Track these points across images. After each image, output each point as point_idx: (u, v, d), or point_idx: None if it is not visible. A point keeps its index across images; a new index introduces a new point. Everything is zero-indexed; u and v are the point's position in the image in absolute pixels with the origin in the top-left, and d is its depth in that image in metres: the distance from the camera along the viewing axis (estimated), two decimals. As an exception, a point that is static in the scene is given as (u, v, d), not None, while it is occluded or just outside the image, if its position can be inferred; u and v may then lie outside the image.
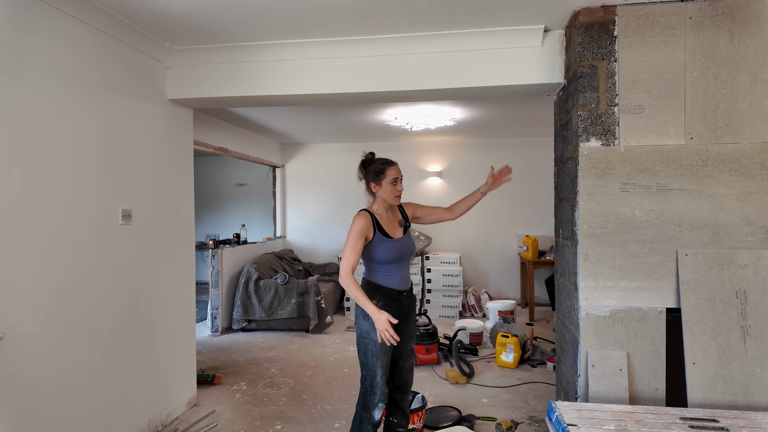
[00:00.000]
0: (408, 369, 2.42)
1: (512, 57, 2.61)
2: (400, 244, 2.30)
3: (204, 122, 4.68)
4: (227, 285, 5.16)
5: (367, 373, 2.24)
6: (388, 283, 2.28)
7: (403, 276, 2.33)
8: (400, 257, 2.29)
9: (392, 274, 2.28)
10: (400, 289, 2.30)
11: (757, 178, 2.18)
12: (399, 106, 4.55)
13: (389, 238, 2.28)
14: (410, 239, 2.38)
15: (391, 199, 2.30)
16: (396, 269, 2.29)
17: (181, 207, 3.12)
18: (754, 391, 2.09)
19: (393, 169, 2.31)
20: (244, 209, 7.93)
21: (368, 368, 2.22)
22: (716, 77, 2.20)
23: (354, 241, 2.19)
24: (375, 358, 2.20)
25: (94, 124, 2.36)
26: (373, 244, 2.25)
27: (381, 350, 2.20)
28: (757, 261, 2.16)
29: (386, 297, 2.26)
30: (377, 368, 2.20)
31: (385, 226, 2.30)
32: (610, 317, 2.26)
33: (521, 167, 6.43)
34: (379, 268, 2.28)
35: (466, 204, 2.48)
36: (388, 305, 2.24)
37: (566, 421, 1.89)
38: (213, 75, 2.90)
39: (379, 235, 2.26)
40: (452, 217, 2.48)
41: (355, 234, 2.20)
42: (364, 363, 2.25)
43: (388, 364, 2.25)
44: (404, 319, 2.35)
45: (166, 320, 2.95)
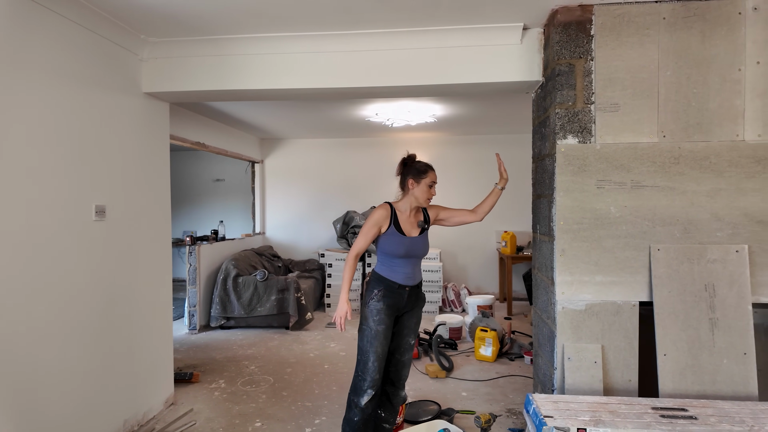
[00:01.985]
0: (404, 363, 2.47)
1: (492, 54, 2.63)
2: (411, 243, 2.37)
3: (181, 116, 4.58)
4: (205, 282, 5.08)
5: (361, 358, 2.31)
6: (392, 276, 2.35)
7: (409, 273, 2.38)
8: (408, 255, 2.36)
9: (398, 269, 2.36)
10: (402, 283, 2.36)
11: (725, 175, 2.25)
12: (380, 102, 4.54)
13: (402, 234, 2.35)
14: (424, 241, 2.43)
15: (423, 200, 2.39)
16: (402, 265, 2.36)
17: (157, 203, 3.06)
18: (721, 380, 2.17)
19: (433, 174, 2.41)
20: (223, 205, 7.81)
21: (363, 353, 2.30)
22: (688, 77, 2.26)
23: (368, 228, 2.32)
24: (369, 343, 2.28)
25: (66, 117, 2.29)
26: (386, 236, 2.34)
27: (375, 337, 2.27)
28: (725, 255, 2.23)
29: (387, 288, 2.33)
30: (370, 353, 2.27)
31: (402, 222, 2.38)
32: (586, 311, 2.31)
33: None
34: (387, 261, 2.36)
35: (488, 204, 2.51)
36: (387, 296, 2.32)
37: (543, 413, 1.93)
38: (190, 68, 2.85)
39: (393, 229, 2.34)
40: (477, 219, 2.51)
41: (371, 222, 2.33)
42: (359, 348, 2.32)
43: (383, 353, 2.31)
44: (406, 314, 2.43)
45: (142, 318, 2.89)
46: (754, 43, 2.22)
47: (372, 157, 6.76)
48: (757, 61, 2.22)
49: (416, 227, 2.42)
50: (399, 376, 2.47)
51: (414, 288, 2.42)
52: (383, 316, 2.30)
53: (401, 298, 2.37)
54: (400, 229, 2.35)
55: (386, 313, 2.31)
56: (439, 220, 2.52)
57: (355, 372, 2.34)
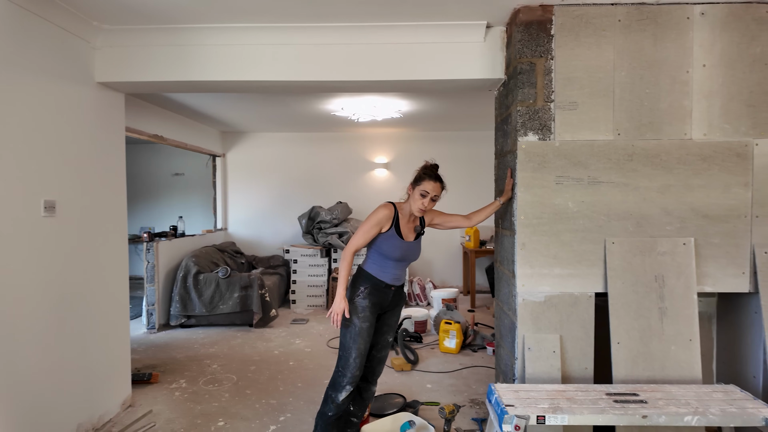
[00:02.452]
0: (380, 359, 2.48)
1: (456, 51, 2.66)
2: (408, 248, 2.36)
3: (137, 108, 4.40)
4: (164, 280, 4.92)
5: (342, 354, 2.30)
6: (381, 275, 2.33)
7: (397, 274, 2.38)
8: (402, 258, 2.36)
9: (387, 270, 2.34)
10: (390, 283, 2.36)
11: (675, 172, 2.37)
12: (345, 97, 4.51)
13: (401, 237, 2.32)
14: (418, 246, 2.43)
15: (414, 208, 2.31)
16: (393, 266, 2.35)
17: (112, 198, 2.93)
18: (669, 366, 2.30)
19: (429, 183, 2.28)
20: (182, 200, 7.57)
21: (345, 349, 2.29)
22: (641, 77, 2.36)
23: (370, 227, 2.27)
24: (352, 340, 2.27)
25: (11, 107, 2.16)
26: (385, 237, 2.31)
27: (359, 334, 2.27)
28: (674, 248, 2.36)
29: (373, 287, 2.32)
30: (353, 350, 2.27)
31: (402, 225, 2.35)
32: (545, 302, 2.39)
33: (464, 160, 6.61)
34: (378, 260, 2.34)
35: (484, 213, 2.50)
36: (373, 294, 2.31)
37: (505, 403, 1.98)
38: (147, 58, 2.73)
39: (393, 232, 2.31)
40: (470, 225, 2.52)
41: (373, 221, 2.28)
42: (342, 344, 2.31)
43: (365, 350, 2.30)
44: (388, 312, 2.44)
45: (97, 317, 2.77)
46: (700, 46, 2.34)
47: (338, 152, 6.72)
48: (703, 64, 2.35)
49: (413, 232, 2.40)
50: (374, 372, 2.48)
51: (399, 288, 2.43)
52: (368, 313, 2.29)
53: (386, 297, 2.37)
54: (399, 232, 2.32)
55: (371, 311, 2.30)
56: (435, 224, 2.52)
57: (336, 368, 2.33)
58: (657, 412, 1.90)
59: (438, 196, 2.31)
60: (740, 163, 2.35)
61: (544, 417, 1.88)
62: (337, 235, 5.83)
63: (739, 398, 2.03)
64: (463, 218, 2.52)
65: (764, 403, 2.00)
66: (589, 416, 1.89)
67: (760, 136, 2.34)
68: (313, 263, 5.80)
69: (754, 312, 2.40)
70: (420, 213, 2.32)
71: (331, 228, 5.89)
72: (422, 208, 2.29)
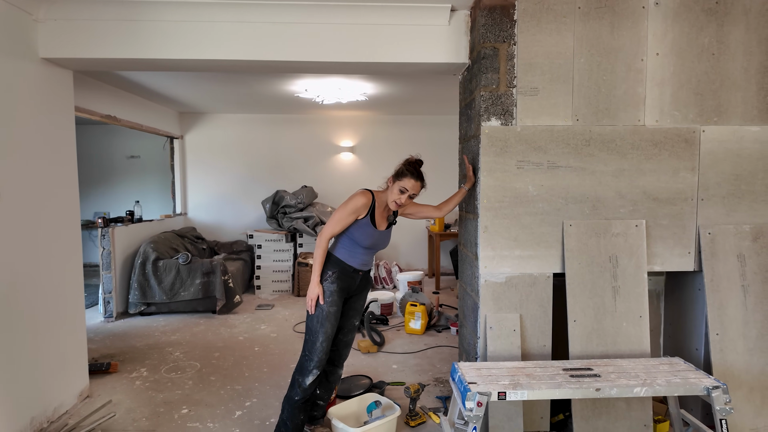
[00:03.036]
0: (346, 343, 2.51)
1: (420, 34, 2.65)
2: (380, 236, 2.38)
3: (88, 86, 4.17)
4: (121, 267, 4.75)
5: (309, 338, 2.30)
6: (349, 260, 2.34)
7: (366, 260, 2.40)
8: (373, 246, 2.38)
9: (356, 255, 2.35)
10: (357, 268, 2.37)
11: (629, 156, 2.47)
12: (309, 78, 4.42)
13: (374, 227, 2.33)
14: (388, 235, 2.45)
15: (390, 201, 2.33)
16: (362, 253, 2.37)
17: (61, 181, 2.78)
18: (621, 341, 2.43)
19: (410, 182, 2.29)
20: (139, 184, 7.27)
21: (312, 333, 2.29)
22: (599, 64, 2.43)
23: (346, 214, 2.27)
24: (320, 324, 2.27)
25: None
26: (358, 225, 2.31)
27: (327, 318, 2.27)
28: (626, 230, 2.47)
29: (341, 271, 2.33)
30: (320, 334, 2.27)
31: (377, 215, 2.36)
32: (506, 283, 2.46)
33: (429, 144, 6.64)
34: (349, 246, 2.34)
35: (453, 202, 2.54)
36: (341, 278, 2.32)
37: (467, 380, 2.05)
38: (97, 33, 2.58)
39: (368, 220, 2.32)
40: (440, 215, 2.56)
41: (350, 209, 2.27)
42: (308, 328, 2.31)
43: (332, 334, 2.32)
44: (354, 296, 2.46)
45: (49, 306, 2.65)
46: (654, 35, 2.43)
47: (302, 135, 6.60)
48: (656, 53, 2.44)
49: (386, 221, 2.42)
50: (340, 355, 2.51)
51: (366, 273, 2.45)
52: (336, 297, 2.30)
53: (354, 281, 2.38)
54: (374, 221, 2.34)
55: (338, 295, 2.31)
56: (406, 214, 2.53)
57: (303, 352, 2.33)
58: (609, 384, 2.01)
59: (416, 194, 2.35)
60: (688, 148, 2.47)
61: (505, 393, 1.95)
62: (302, 220, 5.77)
63: (682, 369, 2.18)
64: (434, 209, 2.56)
65: (705, 373, 2.15)
66: (547, 391, 1.98)
67: (706, 123, 2.47)
68: (278, 248, 5.73)
69: (698, 289, 2.56)
70: (395, 207, 2.34)
71: (296, 212, 5.83)
72: (398, 203, 2.32)
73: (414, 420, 2.65)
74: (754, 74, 2.45)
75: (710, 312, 2.44)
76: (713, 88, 2.46)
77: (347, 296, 2.41)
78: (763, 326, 2.43)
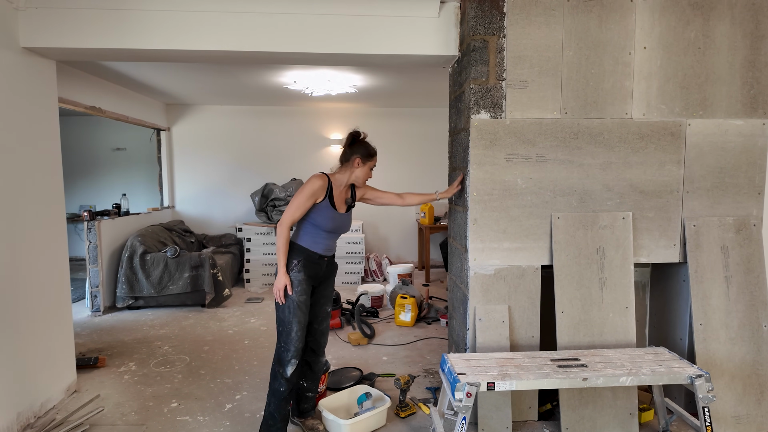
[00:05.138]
0: (323, 332, 2.51)
1: (410, 26, 2.63)
2: (341, 219, 2.38)
3: (72, 77, 4.08)
4: (108, 260, 4.69)
5: (283, 329, 2.29)
6: (313, 247, 2.33)
7: (329, 245, 2.40)
8: (335, 230, 2.37)
9: (320, 241, 2.34)
10: (322, 254, 2.36)
11: (616, 149, 2.49)
12: (298, 69, 4.38)
13: (334, 209, 2.33)
14: (349, 218, 2.46)
15: (362, 180, 2.42)
16: (326, 238, 2.36)
17: (45, 173, 2.73)
18: (607, 332, 2.47)
19: (376, 159, 2.45)
20: (125, 177, 7.16)
21: (285, 324, 2.28)
22: (587, 58, 2.44)
23: (305, 199, 2.25)
24: (292, 314, 2.26)
25: None
26: (318, 208, 2.30)
27: (298, 307, 2.27)
28: (613, 222, 2.50)
29: (307, 259, 2.31)
30: (293, 324, 2.27)
31: (336, 196, 2.36)
32: (495, 275, 2.48)
33: (419, 137, 6.64)
34: (311, 231, 2.33)
35: (418, 198, 2.65)
36: (307, 266, 2.31)
37: (457, 371, 2.07)
38: (80, 21, 2.52)
39: (327, 202, 2.31)
40: (402, 204, 2.62)
41: (308, 192, 2.25)
42: (281, 319, 2.29)
43: (305, 322, 2.32)
44: (323, 283, 2.45)
45: (33, 301, 2.61)
46: (641, 29, 2.44)
47: (292, 127, 6.55)
48: (644, 46, 2.45)
49: (344, 204, 2.42)
50: (318, 344, 2.51)
51: (331, 258, 2.45)
52: (304, 286, 2.29)
53: (320, 268, 2.38)
54: (333, 204, 2.33)
55: (306, 283, 2.31)
56: (366, 198, 2.55)
57: (278, 344, 2.32)
58: (596, 374, 2.04)
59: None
60: (674, 141, 2.50)
61: (494, 384, 1.98)
62: (291, 213, 5.74)
63: (667, 359, 2.22)
64: (396, 196, 2.61)
65: (689, 362, 2.19)
66: (535, 381, 2.01)
67: (692, 116, 2.50)
68: (267, 241, 5.70)
69: (682, 280, 2.60)
70: (363, 184, 2.44)
71: (285, 205, 5.80)
72: (368, 179, 2.44)
73: (404, 411, 2.67)
74: (738, 68, 2.48)
75: (694, 302, 2.49)
76: (699, 81, 2.48)
77: (315, 284, 2.40)
78: (744, 316, 2.48)
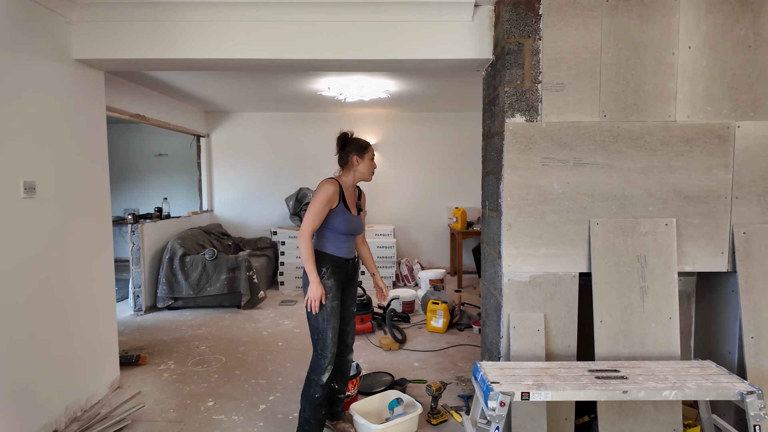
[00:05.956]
0: (349, 332, 2.53)
1: (443, 30, 2.63)
2: (356, 221, 2.42)
3: (118, 86, 4.29)
4: (150, 262, 4.88)
5: (318, 337, 2.31)
6: (337, 252, 2.36)
7: (350, 247, 2.43)
8: (352, 232, 2.40)
9: (342, 244, 2.37)
10: (347, 257, 2.40)
11: (658, 153, 2.40)
12: (332, 76, 4.45)
13: (349, 211, 2.37)
14: (360, 220, 2.49)
15: (368, 174, 2.43)
16: (345, 240, 2.39)
17: (94, 178, 2.88)
18: (649, 343, 2.37)
19: (372, 149, 2.47)
20: (166, 181, 7.45)
21: (320, 332, 2.30)
22: (627, 59, 2.37)
23: (321, 206, 2.27)
24: (326, 321, 2.28)
25: (-16, 84, 2.08)
26: (335, 213, 2.33)
27: (332, 313, 2.29)
28: (655, 228, 2.41)
29: (334, 265, 2.34)
30: (328, 331, 2.28)
31: (348, 199, 2.40)
32: (530, 282, 2.43)
33: (452, 141, 6.60)
34: (332, 237, 2.36)
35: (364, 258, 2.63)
36: (336, 272, 2.34)
37: (490, 380, 2.03)
38: (126, 34, 2.65)
39: (342, 206, 2.35)
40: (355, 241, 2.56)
41: (323, 199, 2.28)
42: (314, 327, 2.31)
43: (338, 327, 2.35)
44: (348, 285, 2.47)
45: (81, 300, 2.75)
46: (686, 28, 2.35)
47: (325, 133, 6.64)
48: (688, 46, 2.35)
49: (355, 206, 2.46)
50: (346, 344, 2.53)
51: (354, 260, 2.49)
52: (335, 291, 2.32)
53: (347, 272, 2.41)
54: (347, 206, 2.37)
55: (337, 289, 2.33)
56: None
57: (315, 352, 2.33)
58: (637, 387, 1.96)
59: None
60: (721, 144, 2.38)
61: (529, 393, 1.93)
62: (324, 217, 5.81)
63: (714, 373, 2.11)
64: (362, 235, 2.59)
65: (739, 378, 2.07)
66: (571, 392, 1.95)
67: (741, 118, 2.38)
68: (300, 245, 5.79)
69: (731, 290, 2.47)
70: (371, 177, 2.45)
71: (319, 209, 5.86)
72: (373, 170, 2.46)
73: (436, 418, 2.64)
74: (793, 67, 2.34)
75: (744, 314, 2.35)
76: (749, 81, 2.36)
77: (342, 287, 2.43)
78: (801, 330, 2.33)
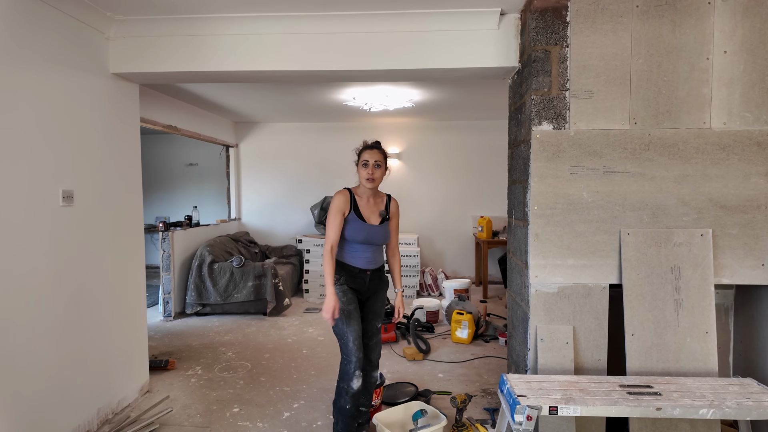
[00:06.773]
0: (373, 347, 2.51)
1: (469, 39, 2.62)
2: (371, 230, 2.38)
3: (151, 98, 4.44)
4: (179, 269, 5.00)
5: (341, 342, 2.34)
6: (352, 261, 2.37)
7: (369, 258, 2.41)
8: (367, 241, 2.38)
9: (357, 254, 2.37)
10: (363, 268, 2.38)
11: (692, 161, 2.32)
12: (357, 86, 4.49)
13: (362, 220, 2.36)
14: (384, 230, 2.44)
15: (362, 180, 2.39)
16: (362, 250, 2.38)
17: (127, 187, 2.98)
18: (684, 358, 2.27)
19: (366, 153, 2.39)
20: (196, 190, 7.65)
21: (342, 335, 2.32)
22: (659, 65, 2.31)
23: (333, 217, 2.32)
24: (344, 324, 2.30)
25: (27, 99, 2.19)
26: (347, 222, 2.35)
27: (349, 316, 2.31)
28: (690, 239, 2.32)
29: (348, 274, 2.36)
30: (348, 333, 2.30)
31: (362, 208, 2.39)
32: (558, 293, 2.37)
33: (477, 150, 6.56)
34: (347, 246, 2.38)
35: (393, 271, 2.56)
36: (350, 281, 2.35)
37: (517, 393, 1.98)
38: (160, 48, 2.75)
39: (353, 215, 2.35)
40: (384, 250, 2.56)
41: (334, 210, 2.33)
42: (337, 332, 2.34)
43: (359, 329, 2.35)
44: (370, 298, 2.46)
45: (114, 305, 2.83)
46: (721, 32, 2.28)
47: (350, 142, 6.63)
48: (724, 51, 2.28)
49: (377, 215, 2.43)
50: (370, 360, 2.50)
51: (375, 272, 2.45)
52: (349, 295, 2.34)
53: (363, 282, 2.40)
54: (360, 215, 2.37)
55: (351, 293, 2.35)
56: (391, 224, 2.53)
57: (341, 357, 2.36)
58: (671, 404, 1.88)
59: (379, 161, 2.38)
60: (761, 152, 2.29)
61: (557, 408, 1.88)
62: (349, 225, 5.84)
63: (756, 391, 2.01)
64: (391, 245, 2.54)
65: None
66: (602, 408, 1.88)
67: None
68: (325, 253, 5.83)
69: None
70: (369, 184, 2.36)
71: (343, 218, 5.90)
72: (368, 176, 2.35)
73: (460, 431, 2.60)
74: (838, 70, 2.24)
75: (788, 330, 2.24)
76: (790, 86, 2.27)
77: (362, 298, 2.41)
78: None
